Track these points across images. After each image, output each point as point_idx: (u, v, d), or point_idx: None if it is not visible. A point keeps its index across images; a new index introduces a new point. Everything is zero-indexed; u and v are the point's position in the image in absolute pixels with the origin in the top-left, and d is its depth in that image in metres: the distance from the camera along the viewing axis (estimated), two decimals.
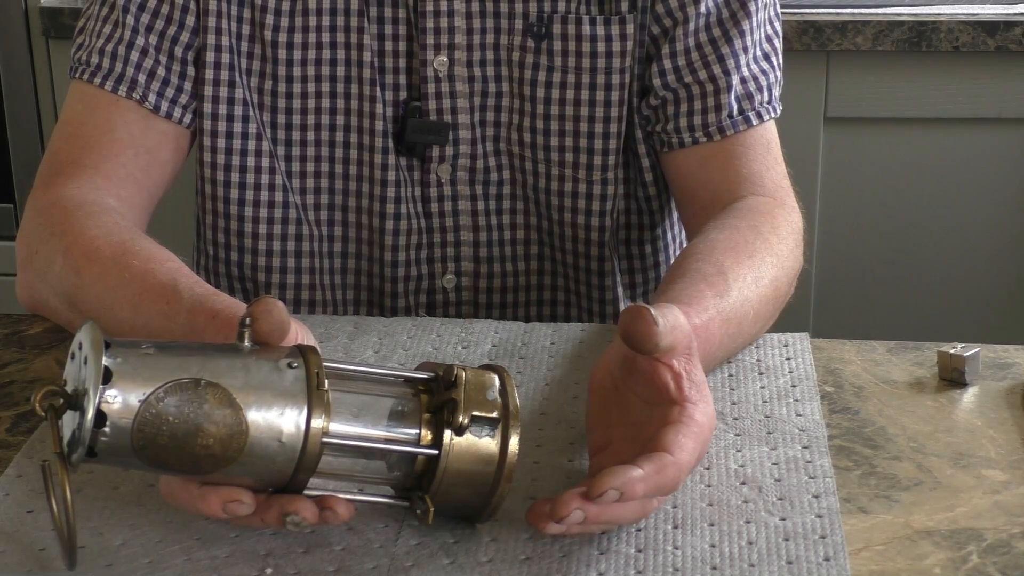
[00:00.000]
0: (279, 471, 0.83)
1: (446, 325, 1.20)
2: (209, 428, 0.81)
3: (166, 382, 0.81)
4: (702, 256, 1.11)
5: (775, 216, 1.21)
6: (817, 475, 0.96)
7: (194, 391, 0.81)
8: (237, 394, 0.82)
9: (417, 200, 1.32)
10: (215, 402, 0.81)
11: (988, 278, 2.29)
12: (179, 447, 0.81)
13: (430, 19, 1.27)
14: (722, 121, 1.27)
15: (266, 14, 1.28)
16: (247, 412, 0.82)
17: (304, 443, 0.83)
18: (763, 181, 1.26)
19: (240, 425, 0.82)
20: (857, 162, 2.25)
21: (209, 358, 0.83)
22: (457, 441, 0.87)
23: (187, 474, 0.83)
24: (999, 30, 2.13)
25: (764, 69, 1.29)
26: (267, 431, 0.82)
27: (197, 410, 0.81)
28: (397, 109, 1.29)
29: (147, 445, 0.81)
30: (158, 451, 0.81)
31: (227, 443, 0.81)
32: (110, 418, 0.80)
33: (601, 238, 1.32)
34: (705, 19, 1.26)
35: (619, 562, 0.88)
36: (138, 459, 0.81)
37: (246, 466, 0.82)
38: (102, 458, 0.81)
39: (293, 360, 0.84)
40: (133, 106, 1.26)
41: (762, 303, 1.11)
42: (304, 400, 0.83)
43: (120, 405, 0.80)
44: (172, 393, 0.81)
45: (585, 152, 1.29)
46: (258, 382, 0.83)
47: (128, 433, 0.80)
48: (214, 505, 0.84)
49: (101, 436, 0.80)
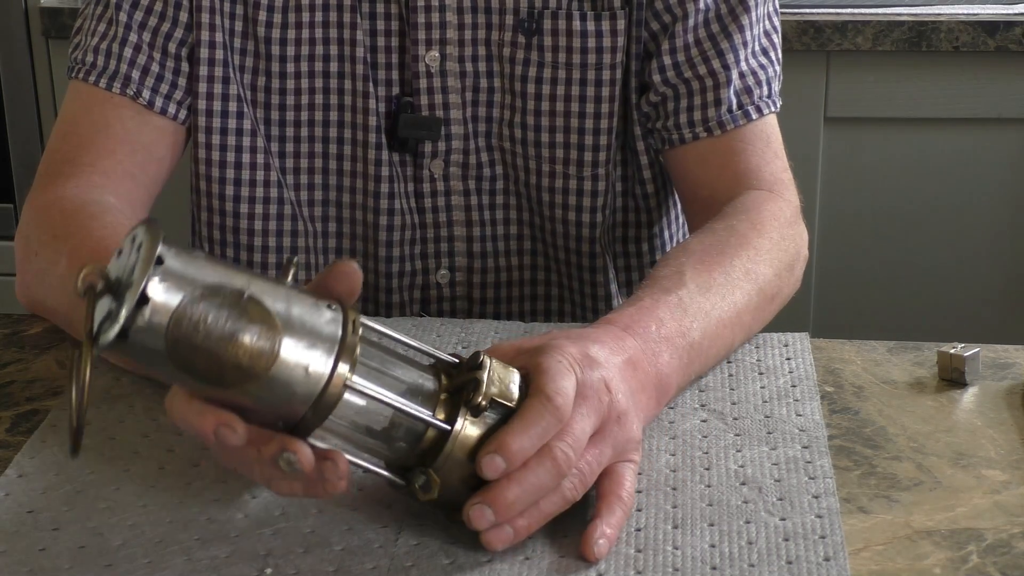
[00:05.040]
0: (294, 404, 0.83)
1: (446, 325, 1.20)
2: (243, 339, 0.81)
3: (213, 284, 0.81)
4: (663, 261, 1.12)
5: (762, 210, 1.21)
6: (817, 475, 0.96)
7: (237, 300, 0.81)
8: (276, 316, 0.82)
9: (410, 195, 1.32)
10: (255, 316, 0.81)
11: (988, 278, 2.29)
12: (210, 350, 0.80)
13: (421, 14, 1.27)
14: (721, 116, 1.27)
15: (259, 10, 1.28)
16: (283, 334, 0.82)
17: (328, 381, 0.83)
18: (761, 175, 1.26)
19: (273, 344, 0.81)
20: (857, 162, 2.25)
21: (255, 277, 0.83)
22: (471, 421, 0.87)
23: (207, 383, 0.82)
24: (999, 30, 2.13)
25: (763, 64, 1.29)
26: (296, 358, 0.82)
27: (236, 319, 0.81)
28: (389, 104, 1.30)
29: (180, 341, 0.80)
30: (189, 350, 0.80)
31: (256, 358, 0.81)
32: (152, 301, 0.79)
33: (593, 234, 1.32)
34: (704, 15, 1.27)
35: (619, 562, 0.88)
36: (167, 354, 0.80)
37: (265, 389, 0.82)
38: (131, 344, 0.80)
39: (332, 304, 0.85)
40: (128, 103, 1.26)
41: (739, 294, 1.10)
42: (336, 341, 0.83)
43: (165, 292, 0.80)
44: (216, 296, 0.81)
45: (576, 148, 1.30)
46: (297, 312, 0.83)
47: (165, 323, 0.80)
48: (208, 423, 0.82)
49: (139, 319, 0.79)
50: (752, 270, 1.13)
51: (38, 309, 1.21)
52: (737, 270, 1.11)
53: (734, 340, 1.11)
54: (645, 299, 1.04)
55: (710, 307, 1.07)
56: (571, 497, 0.89)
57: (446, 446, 0.86)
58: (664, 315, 1.03)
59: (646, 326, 1.01)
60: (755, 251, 1.15)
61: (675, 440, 1.01)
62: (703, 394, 1.08)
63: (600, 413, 0.90)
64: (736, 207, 1.21)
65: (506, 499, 0.86)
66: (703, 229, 1.18)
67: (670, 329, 1.03)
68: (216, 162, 1.30)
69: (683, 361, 1.03)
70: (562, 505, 0.89)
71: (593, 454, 0.90)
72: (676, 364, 1.02)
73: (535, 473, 0.86)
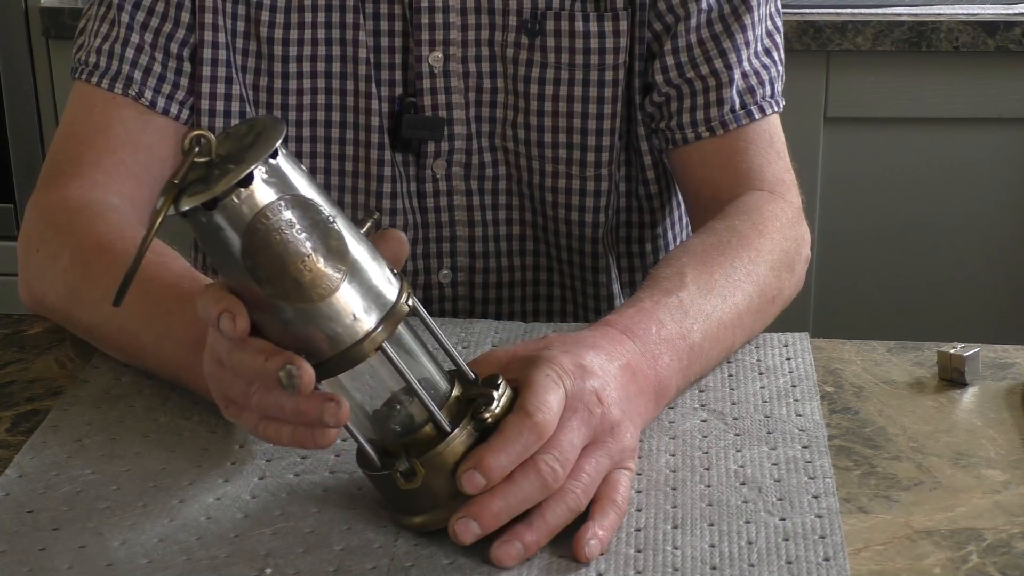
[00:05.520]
0: (328, 343, 0.84)
1: (446, 325, 1.20)
2: (317, 260, 0.82)
3: (309, 199, 0.82)
4: (663, 262, 1.12)
5: (763, 210, 1.21)
6: (817, 475, 0.96)
7: (324, 224, 0.83)
8: (350, 254, 0.83)
9: (412, 195, 1.32)
10: (333, 245, 0.83)
11: (988, 278, 2.29)
12: (281, 256, 0.81)
13: (425, 15, 1.27)
14: (724, 115, 1.27)
15: (261, 10, 1.28)
16: (349, 274, 0.83)
17: (366, 336, 0.84)
18: (763, 175, 1.26)
19: (338, 277, 0.83)
20: (857, 162, 2.25)
21: (343, 213, 0.84)
22: (470, 433, 0.87)
23: (259, 284, 0.82)
24: (999, 30, 2.13)
25: (766, 63, 1.29)
26: (348, 302, 0.83)
27: (318, 239, 0.82)
28: (392, 105, 1.30)
29: (258, 234, 0.81)
30: (261, 247, 0.81)
31: (317, 282, 0.82)
32: (254, 185, 0.80)
33: (595, 234, 1.32)
34: (707, 15, 1.27)
35: (619, 562, 0.88)
36: (240, 240, 0.81)
37: (308, 316, 0.83)
38: (210, 218, 0.81)
39: (395, 270, 0.87)
40: (130, 103, 1.26)
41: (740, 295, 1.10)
42: (388, 305, 0.85)
43: (267, 184, 0.81)
44: (309, 210, 0.82)
45: (579, 148, 1.30)
46: (366, 262, 0.84)
47: (255, 211, 0.81)
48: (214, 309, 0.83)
49: (234, 196, 0.80)
50: (753, 271, 1.13)
51: (39, 307, 1.21)
52: (739, 271, 1.11)
53: (735, 341, 1.11)
54: (645, 301, 1.04)
55: (711, 309, 1.07)
56: (575, 507, 0.89)
57: (439, 445, 0.87)
58: (664, 317, 1.03)
59: (646, 328, 1.01)
60: (756, 252, 1.15)
61: (675, 440, 1.01)
62: (703, 394, 1.08)
63: (591, 425, 0.91)
64: (738, 207, 1.21)
65: (491, 511, 0.86)
66: (704, 229, 1.18)
67: (670, 331, 1.02)
68: None
69: (683, 363, 1.03)
70: (568, 516, 0.89)
71: (591, 464, 0.90)
72: (676, 366, 1.02)
73: (519, 486, 0.87)
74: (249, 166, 0.80)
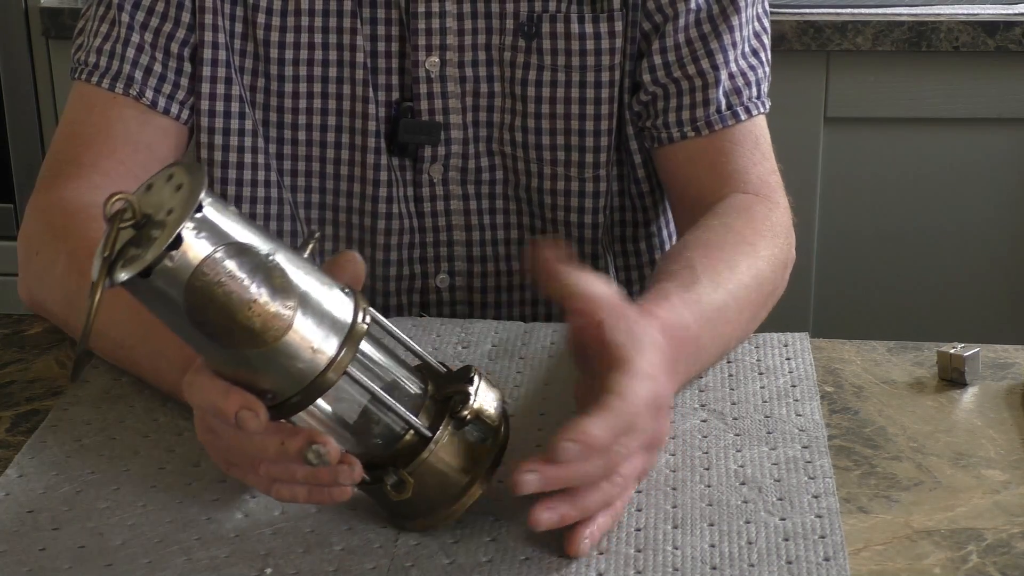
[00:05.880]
0: (292, 379, 0.83)
1: (446, 325, 1.20)
2: (262, 303, 0.81)
3: (243, 243, 0.80)
4: (670, 257, 1.13)
5: (752, 212, 1.21)
6: (817, 475, 0.96)
7: (264, 264, 0.81)
8: (296, 288, 0.82)
9: (409, 200, 1.32)
10: (278, 283, 0.81)
11: (988, 278, 2.29)
12: (227, 307, 0.80)
13: (422, 20, 1.27)
14: (710, 116, 1.27)
15: (258, 13, 1.28)
16: (299, 307, 0.82)
17: (329, 364, 0.83)
18: (748, 177, 1.26)
19: (289, 315, 0.81)
20: (857, 162, 2.25)
21: (281, 246, 0.83)
22: (452, 432, 0.87)
23: (211, 340, 0.81)
24: (999, 30, 2.13)
25: (753, 64, 1.29)
26: (305, 334, 0.82)
27: (260, 282, 0.81)
28: (389, 109, 1.30)
29: (199, 292, 0.79)
30: (206, 302, 0.80)
31: (269, 324, 0.81)
32: (184, 246, 0.78)
33: (594, 235, 1.32)
34: (695, 15, 1.27)
35: (619, 562, 0.88)
36: (182, 301, 0.79)
37: (267, 358, 0.82)
38: (149, 284, 0.79)
39: (346, 288, 0.85)
40: (130, 103, 1.26)
41: (743, 291, 1.11)
42: (345, 327, 0.83)
43: (197, 239, 0.79)
44: (245, 255, 0.80)
45: (577, 151, 1.30)
46: (315, 289, 0.83)
47: (190, 270, 0.79)
48: (232, 404, 0.82)
49: (167, 260, 0.78)
50: (753, 265, 1.14)
51: (39, 310, 1.21)
52: (741, 266, 1.13)
53: (732, 338, 1.12)
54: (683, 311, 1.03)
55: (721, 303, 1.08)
56: (610, 498, 0.89)
57: (423, 452, 0.86)
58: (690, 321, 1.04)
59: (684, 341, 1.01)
60: (752, 247, 1.16)
61: (675, 440, 1.01)
62: (703, 394, 1.08)
63: (653, 431, 0.91)
64: (727, 207, 1.22)
65: (557, 474, 0.86)
66: (700, 226, 1.19)
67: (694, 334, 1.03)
68: (218, 162, 1.30)
69: (691, 371, 1.06)
70: (602, 506, 0.89)
71: (635, 464, 0.91)
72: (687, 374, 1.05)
73: (590, 462, 0.86)
74: (176, 227, 0.78)
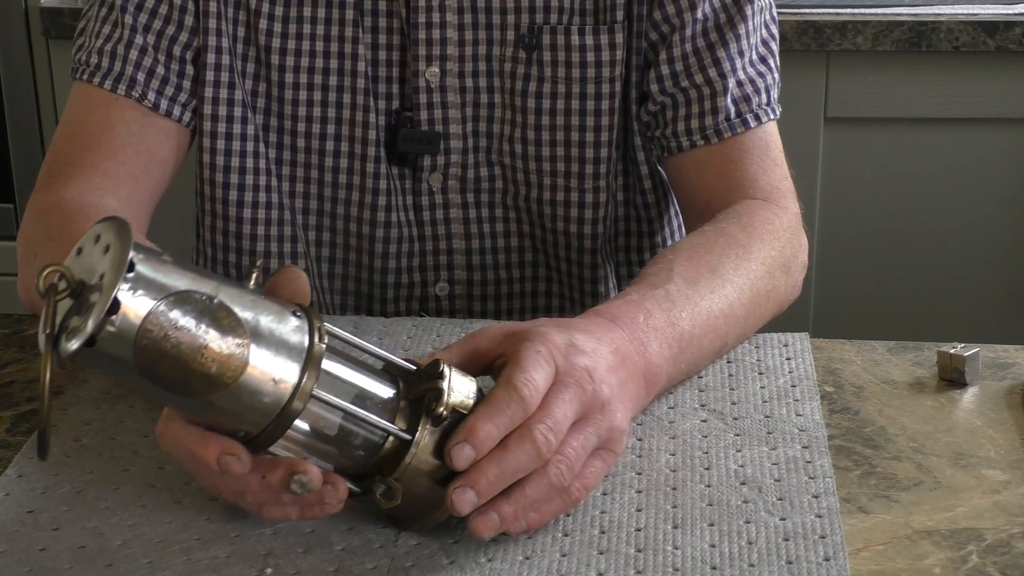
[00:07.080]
0: (260, 414, 0.82)
1: (446, 325, 1.21)
2: (214, 347, 0.80)
3: (182, 290, 0.79)
4: (653, 260, 1.12)
5: (754, 216, 1.21)
6: (817, 475, 0.96)
7: (208, 307, 0.80)
8: (245, 324, 0.81)
9: (409, 209, 1.32)
10: (225, 324, 0.80)
11: (988, 278, 2.29)
12: (179, 358, 0.79)
13: (422, 30, 1.27)
14: (719, 124, 1.27)
15: (260, 19, 1.28)
16: (251, 343, 0.81)
17: (294, 391, 0.82)
18: (757, 184, 1.26)
19: (243, 353, 0.80)
20: (857, 162, 2.25)
21: (223, 283, 0.82)
22: (431, 431, 0.87)
23: (171, 392, 0.81)
24: (999, 30, 2.13)
25: (761, 72, 1.29)
26: (264, 368, 0.81)
27: (208, 326, 0.79)
28: (389, 118, 1.30)
29: (148, 348, 0.78)
30: (156, 358, 0.79)
31: (225, 367, 0.80)
32: (123, 308, 0.77)
33: (594, 245, 1.32)
34: (702, 24, 1.27)
35: (619, 562, 0.88)
36: (133, 361, 0.78)
37: (231, 398, 0.81)
38: (97, 352, 0.78)
39: (298, 311, 0.84)
40: (132, 104, 1.26)
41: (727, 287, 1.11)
42: (303, 351, 0.82)
43: (135, 299, 0.78)
44: (187, 303, 0.79)
45: (577, 161, 1.30)
46: (265, 320, 0.82)
47: (135, 330, 0.78)
48: (211, 452, 0.82)
49: (108, 326, 0.77)
50: (741, 266, 1.13)
51: (38, 310, 1.20)
52: (726, 266, 1.12)
53: (727, 333, 1.11)
54: (632, 294, 1.05)
55: (699, 298, 1.07)
56: (557, 483, 0.88)
57: (406, 457, 0.86)
58: (652, 307, 1.03)
59: (633, 316, 1.01)
60: (744, 250, 1.15)
61: (675, 440, 1.01)
62: (703, 394, 1.08)
63: (582, 400, 0.90)
64: (728, 213, 1.21)
65: (486, 478, 0.85)
66: (693, 232, 1.19)
67: (658, 320, 1.03)
68: (220, 167, 1.30)
69: (673, 351, 1.03)
70: (550, 491, 0.88)
71: (578, 440, 0.89)
72: (666, 353, 1.02)
73: (514, 454, 0.86)
74: (111, 292, 0.77)
